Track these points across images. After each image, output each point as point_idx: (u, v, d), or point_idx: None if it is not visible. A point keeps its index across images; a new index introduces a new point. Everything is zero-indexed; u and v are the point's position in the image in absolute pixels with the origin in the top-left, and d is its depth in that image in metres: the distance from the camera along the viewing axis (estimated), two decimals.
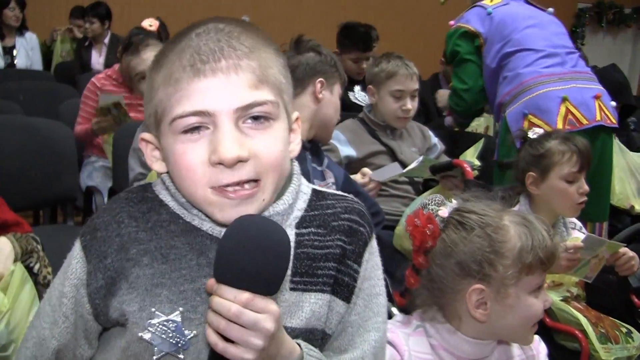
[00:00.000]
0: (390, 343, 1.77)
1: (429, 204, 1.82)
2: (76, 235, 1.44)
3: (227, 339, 1.20)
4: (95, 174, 4.51)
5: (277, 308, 1.22)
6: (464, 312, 1.77)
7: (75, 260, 1.40)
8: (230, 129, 1.26)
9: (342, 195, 1.52)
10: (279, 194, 1.39)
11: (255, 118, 1.29)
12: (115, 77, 4.58)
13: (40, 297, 2.24)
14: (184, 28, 1.36)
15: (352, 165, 3.54)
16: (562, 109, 3.53)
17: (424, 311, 1.85)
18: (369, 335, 1.46)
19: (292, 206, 1.42)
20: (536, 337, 1.94)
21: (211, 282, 1.21)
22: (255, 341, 1.19)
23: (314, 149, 2.86)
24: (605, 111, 3.62)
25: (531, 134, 2.91)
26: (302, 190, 1.47)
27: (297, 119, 1.45)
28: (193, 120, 1.27)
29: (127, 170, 3.41)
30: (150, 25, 4.53)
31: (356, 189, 3.01)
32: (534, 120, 3.54)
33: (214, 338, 1.20)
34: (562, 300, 2.70)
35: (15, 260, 2.22)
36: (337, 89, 2.86)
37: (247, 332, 1.19)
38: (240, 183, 1.28)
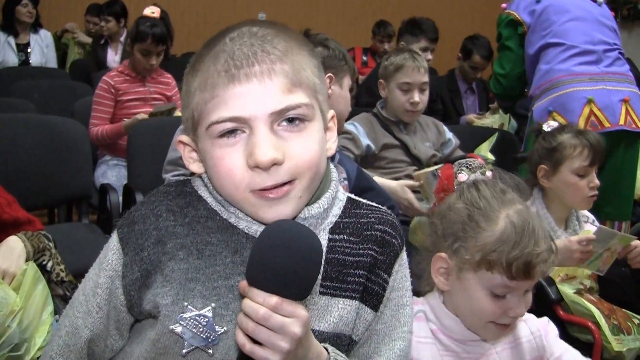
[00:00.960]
0: None
1: (463, 165, 1.87)
2: (91, 233, 1.46)
3: (256, 341, 1.21)
4: (109, 172, 4.51)
5: (306, 313, 1.23)
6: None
7: (112, 252, 1.43)
8: (265, 132, 1.28)
9: (376, 207, 1.53)
10: (316, 197, 1.41)
11: (290, 120, 1.31)
12: (127, 73, 4.59)
13: (53, 295, 2.26)
14: (218, 32, 1.38)
15: (368, 158, 3.56)
16: (586, 110, 3.54)
17: (425, 292, 1.89)
18: (394, 344, 1.48)
19: (327, 211, 1.44)
20: (545, 318, 1.97)
21: (243, 283, 1.23)
22: (282, 344, 1.21)
23: None
24: (632, 115, 3.60)
25: (546, 127, 2.92)
26: (339, 197, 1.48)
27: (332, 117, 1.47)
28: (229, 126, 1.30)
29: (143, 168, 3.42)
30: (153, 12, 4.54)
31: (370, 185, 3.01)
32: (558, 117, 3.54)
33: (242, 339, 1.22)
34: (575, 292, 2.70)
35: (27, 259, 2.24)
36: (347, 82, 2.86)
37: (274, 335, 1.20)
38: (277, 186, 1.30)
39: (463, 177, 1.83)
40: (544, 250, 1.71)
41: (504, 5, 4.11)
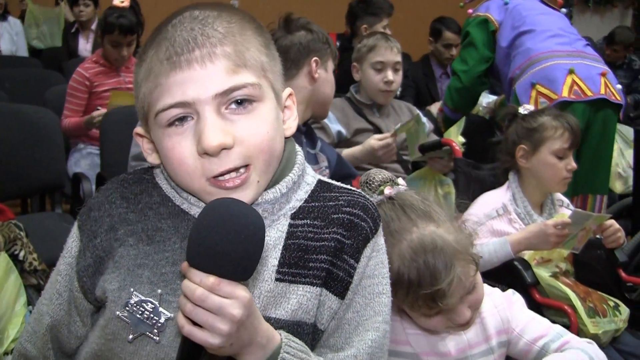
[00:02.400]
0: None
1: (364, 184, 1.81)
2: (64, 222, 1.46)
3: (196, 323, 1.19)
4: (82, 161, 4.49)
5: (247, 295, 1.20)
6: None
7: (72, 239, 1.44)
8: (212, 117, 1.27)
9: (348, 189, 1.49)
10: (274, 181, 1.39)
11: (239, 103, 1.29)
12: (102, 62, 4.57)
13: (27, 285, 2.24)
14: (164, 19, 1.36)
15: (340, 144, 3.55)
16: (569, 80, 3.65)
17: None
18: (367, 334, 1.42)
19: (287, 196, 1.40)
20: (510, 290, 1.97)
21: (185, 264, 1.20)
22: (221, 326, 1.18)
23: (308, 132, 2.85)
24: (610, 88, 3.73)
25: (522, 110, 2.93)
26: (306, 180, 1.46)
27: (289, 95, 1.45)
28: (175, 112, 1.29)
29: (116, 156, 3.39)
30: (122, 2, 4.50)
31: (349, 171, 3.01)
32: (541, 89, 3.67)
33: (181, 320, 1.20)
34: (551, 276, 2.71)
35: None
36: (331, 65, 2.85)
37: (212, 316, 1.17)
38: (230, 170, 1.28)
39: (390, 191, 1.77)
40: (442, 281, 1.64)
41: (470, 10, 4.24)
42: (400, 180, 1.82)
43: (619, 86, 3.84)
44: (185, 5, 1.35)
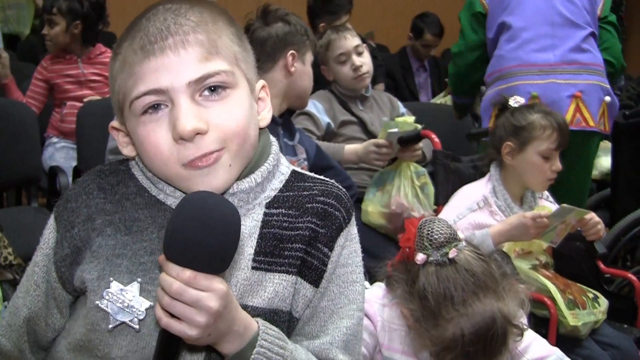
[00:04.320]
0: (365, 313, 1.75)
1: (425, 239, 1.77)
2: (41, 216, 1.46)
3: (173, 315, 1.20)
4: (57, 154, 4.44)
5: (224, 287, 1.22)
6: None
7: (48, 230, 1.45)
8: (186, 103, 1.29)
9: (322, 179, 1.52)
10: (248, 170, 1.40)
11: (212, 90, 1.32)
12: (62, 56, 4.53)
13: (2, 280, 2.22)
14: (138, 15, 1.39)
15: (327, 135, 3.56)
16: None
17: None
18: (341, 322, 1.45)
19: (262, 185, 1.42)
20: None
21: (162, 257, 1.22)
22: (198, 318, 1.20)
23: (285, 124, 2.83)
24: (583, 112, 3.42)
25: (512, 102, 2.90)
26: (281, 170, 1.48)
27: (263, 87, 1.47)
28: (149, 100, 1.31)
29: (92, 149, 3.36)
30: None
31: (329, 163, 3.00)
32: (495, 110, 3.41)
33: (159, 312, 1.22)
34: (531, 268, 2.72)
35: None
36: (309, 57, 2.84)
37: (189, 309, 1.19)
38: (205, 155, 1.30)
39: (421, 257, 1.75)
40: None
41: None
42: (460, 234, 1.79)
43: (608, 98, 3.47)
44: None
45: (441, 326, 1.66)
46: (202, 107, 1.30)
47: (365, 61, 3.66)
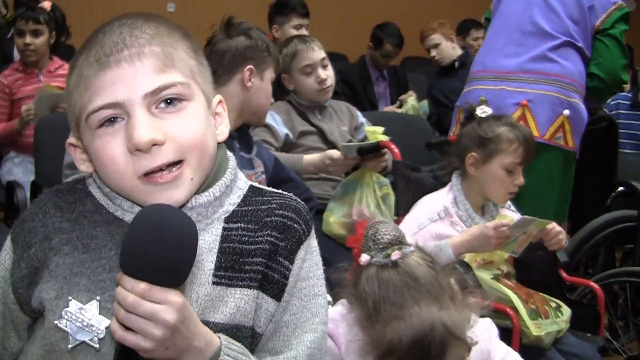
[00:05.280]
0: (329, 335, 1.72)
1: (370, 240, 1.73)
2: None
3: (129, 328, 1.19)
4: (15, 169, 4.40)
5: (180, 300, 1.21)
6: None
7: (5, 252, 1.43)
8: (142, 114, 1.29)
9: (280, 193, 1.52)
10: (206, 184, 1.40)
11: (168, 102, 1.32)
12: (22, 69, 4.47)
13: None
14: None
15: (286, 146, 3.54)
16: None
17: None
18: (305, 336, 1.44)
19: (220, 199, 1.42)
20: (488, 319, 1.95)
21: (120, 274, 1.21)
22: (154, 331, 1.18)
23: (242, 137, 2.81)
24: (528, 121, 3.42)
25: (479, 112, 2.88)
26: (239, 185, 1.48)
27: (219, 101, 1.47)
28: (106, 114, 1.30)
29: (50, 164, 3.32)
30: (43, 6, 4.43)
31: (288, 175, 2.99)
32: (461, 115, 3.51)
33: (114, 326, 1.20)
34: (492, 278, 2.72)
35: None
36: (269, 74, 2.81)
37: (144, 322, 1.18)
38: (163, 167, 1.30)
39: (364, 258, 1.70)
40: None
41: None
42: (408, 239, 1.75)
43: (567, 112, 3.45)
44: (122, 10, 1.38)
45: (380, 330, 1.63)
46: (159, 119, 1.30)
47: (330, 74, 3.67)
